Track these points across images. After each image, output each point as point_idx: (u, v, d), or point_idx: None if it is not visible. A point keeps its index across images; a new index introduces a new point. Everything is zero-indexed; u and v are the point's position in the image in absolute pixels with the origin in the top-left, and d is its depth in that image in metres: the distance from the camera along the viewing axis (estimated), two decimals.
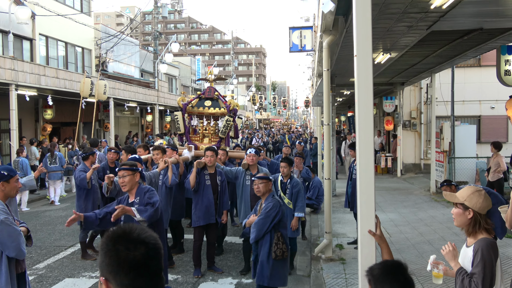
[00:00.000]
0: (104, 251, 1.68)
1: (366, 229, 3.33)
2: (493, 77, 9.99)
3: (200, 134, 9.26)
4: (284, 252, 5.46)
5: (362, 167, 3.36)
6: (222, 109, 9.11)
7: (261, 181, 5.65)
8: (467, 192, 3.23)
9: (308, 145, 22.18)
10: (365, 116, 3.35)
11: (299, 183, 7.49)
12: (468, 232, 3.23)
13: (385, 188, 15.85)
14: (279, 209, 5.50)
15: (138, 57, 31.77)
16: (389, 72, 14.84)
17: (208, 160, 7.31)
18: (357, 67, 3.39)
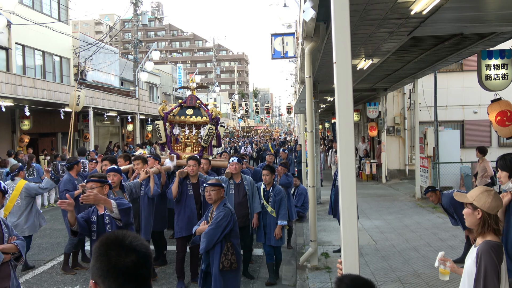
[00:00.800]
0: (96, 255, 1.73)
1: (349, 237, 3.35)
2: (476, 82, 10.16)
3: (182, 143, 9.25)
4: (232, 264, 5.48)
5: (343, 173, 3.39)
6: (204, 117, 9.11)
7: (213, 188, 5.69)
8: (477, 192, 3.24)
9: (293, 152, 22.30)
10: (345, 123, 3.39)
11: (282, 191, 7.52)
12: (477, 233, 3.20)
13: (370, 195, 15.96)
14: (230, 218, 5.53)
15: (118, 66, 31.61)
16: (372, 78, 15.01)
17: (191, 169, 7.30)
18: (337, 74, 3.43)
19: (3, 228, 4.64)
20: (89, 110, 20.52)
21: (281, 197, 7.39)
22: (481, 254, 3.03)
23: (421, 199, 14.50)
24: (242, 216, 7.37)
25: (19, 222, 7.98)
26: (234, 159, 7.48)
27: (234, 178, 7.51)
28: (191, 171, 7.31)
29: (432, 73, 15.02)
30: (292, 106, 23.88)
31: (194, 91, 9.65)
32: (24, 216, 8.06)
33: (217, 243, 5.48)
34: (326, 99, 22.22)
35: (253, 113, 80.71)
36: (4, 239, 4.57)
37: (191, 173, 7.33)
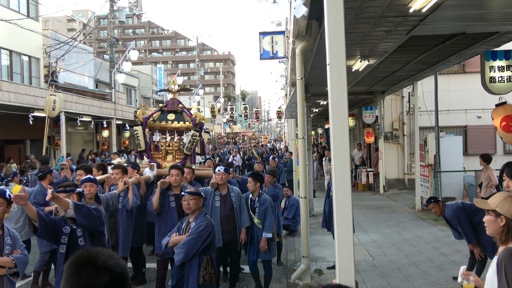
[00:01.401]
0: (66, 275, 1.67)
1: (344, 252, 3.37)
2: (479, 85, 10.27)
3: (163, 151, 9.24)
4: (212, 277, 5.53)
5: (338, 183, 3.41)
6: (187, 122, 9.11)
7: (192, 197, 5.76)
8: (499, 198, 3.24)
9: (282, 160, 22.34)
10: (340, 129, 3.42)
11: (267, 200, 7.49)
12: (500, 241, 3.18)
13: (366, 206, 16.03)
14: (211, 230, 5.61)
15: (93, 66, 31.51)
16: (368, 80, 15.13)
17: (173, 179, 7.30)
18: (331, 76, 3.46)
19: (5, 240, 4.59)
20: (61, 115, 20.40)
21: (266, 207, 7.37)
22: (502, 261, 3.01)
23: (422, 211, 14.60)
24: (229, 230, 7.36)
25: (17, 227, 8.19)
26: (221, 169, 7.48)
27: (220, 189, 7.51)
28: (174, 181, 7.30)
29: (432, 75, 15.18)
30: (282, 111, 23.91)
31: (176, 94, 9.65)
32: (22, 221, 8.32)
33: (195, 255, 5.51)
34: (319, 103, 22.34)
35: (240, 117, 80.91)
36: (4, 252, 4.51)
37: (174, 184, 7.32)
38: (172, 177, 7.32)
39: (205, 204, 7.54)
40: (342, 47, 3.46)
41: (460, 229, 7.13)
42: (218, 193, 7.49)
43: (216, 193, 7.49)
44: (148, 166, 8.71)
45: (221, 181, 7.47)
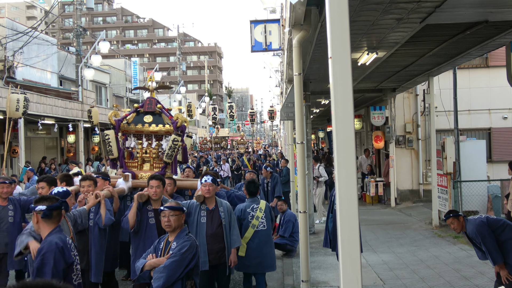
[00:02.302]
0: None
1: (350, 276, 3.37)
2: (505, 80, 10.27)
3: (139, 159, 9.22)
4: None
5: (342, 195, 3.42)
6: (167, 125, 9.10)
7: (173, 213, 5.77)
8: None
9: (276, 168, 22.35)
10: (344, 132, 3.43)
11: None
12: None
13: (376, 222, 16.07)
14: (196, 251, 5.64)
15: (56, 60, 31.43)
16: (376, 76, 15.21)
17: (153, 192, 7.28)
18: (333, 71, 3.48)
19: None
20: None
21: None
22: None
23: (440, 227, 14.66)
24: (217, 251, 7.37)
25: None
26: (208, 179, 7.48)
27: (207, 203, 7.51)
28: (154, 194, 7.29)
29: (451, 69, 15.28)
30: (275, 111, 23.65)
31: (153, 92, 9.64)
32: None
33: (177, 281, 5.51)
34: (320, 102, 22.43)
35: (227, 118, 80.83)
36: None
37: (154, 197, 7.30)
38: (151, 189, 7.30)
39: (189, 220, 7.55)
40: (347, 37, 3.48)
41: (484, 248, 7.13)
42: (204, 208, 7.49)
43: (202, 208, 7.49)
44: (122, 176, 8.69)
45: (208, 194, 7.47)
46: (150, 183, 7.37)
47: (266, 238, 8.52)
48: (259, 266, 8.43)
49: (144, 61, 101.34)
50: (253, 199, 8.69)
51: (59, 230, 5.12)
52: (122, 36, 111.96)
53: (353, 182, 3.42)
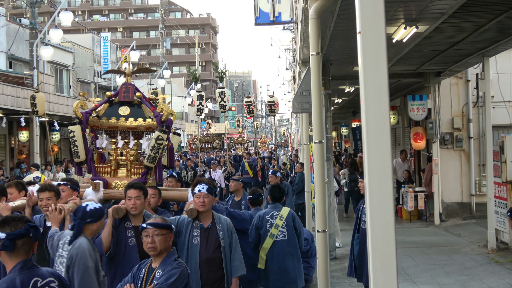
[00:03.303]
0: None
1: None
2: None
3: (113, 162, 9.23)
4: None
5: (374, 209, 3.45)
6: (149, 120, 9.11)
7: (158, 232, 5.77)
8: None
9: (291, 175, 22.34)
10: (377, 128, 3.46)
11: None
12: None
13: (415, 244, 16.06)
14: (187, 281, 5.68)
15: (4, 36, 31.46)
16: (416, 56, 15.21)
17: (132, 204, 7.27)
18: (363, 50, 3.50)
19: None
20: None
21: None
22: None
23: (498, 251, 14.60)
24: (213, 281, 7.37)
25: None
26: (202, 188, 7.46)
27: (201, 220, 7.51)
28: (133, 207, 7.28)
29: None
30: (277, 102, 23.21)
31: (129, 77, 9.67)
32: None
33: None
34: (343, 90, 22.41)
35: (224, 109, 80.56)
36: None
37: (133, 211, 7.30)
38: (130, 201, 7.29)
39: (179, 241, 7.55)
40: (380, 7, 3.51)
41: None
42: (197, 225, 7.50)
43: (194, 225, 7.49)
44: (91, 185, 8.71)
45: (203, 207, 7.45)
46: (128, 193, 7.35)
47: (288, 250, 8.83)
48: (278, 283, 8.70)
49: (117, 36, 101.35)
50: (275, 205, 9.23)
51: (27, 266, 4.67)
52: (89, 5, 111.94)
53: (389, 193, 3.44)
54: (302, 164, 19.40)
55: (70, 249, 5.91)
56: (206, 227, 7.47)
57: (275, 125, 36.01)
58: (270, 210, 9.13)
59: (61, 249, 6.21)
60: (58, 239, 6.38)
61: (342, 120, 40.19)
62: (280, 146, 77.43)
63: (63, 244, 6.20)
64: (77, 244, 5.89)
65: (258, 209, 9.49)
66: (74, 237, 5.96)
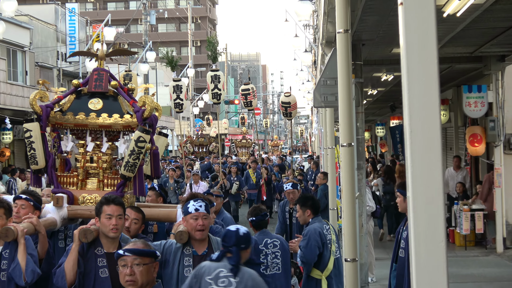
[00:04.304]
0: None
1: None
2: None
3: (80, 171, 9.25)
4: None
5: (418, 232, 3.44)
6: (127, 116, 9.13)
7: (139, 260, 5.78)
8: None
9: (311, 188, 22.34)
10: (423, 128, 3.45)
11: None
12: None
13: (472, 278, 16.04)
14: None
15: None
16: (473, 35, 15.19)
17: (113, 225, 7.19)
18: (405, 27, 3.50)
19: None
20: None
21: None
22: None
23: None
24: None
25: None
26: (200, 207, 7.45)
27: (193, 245, 7.53)
28: (114, 228, 7.24)
29: None
30: (294, 102, 22.37)
31: (103, 61, 9.70)
32: None
33: None
34: (378, 78, 22.40)
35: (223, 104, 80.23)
36: None
37: (113, 233, 7.29)
38: (109, 221, 7.24)
39: (165, 273, 7.57)
40: None
41: None
42: (189, 252, 7.50)
43: (186, 252, 7.50)
44: (52, 199, 8.72)
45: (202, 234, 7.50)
46: (107, 210, 7.31)
47: (342, 269, 9.26)
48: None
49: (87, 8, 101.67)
50: (319, 218, 9.86)
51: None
52: None
53: (439, 213, 3.44)
54: (325, 174, 19.35)
55: (238, 282, 6.33)
56: (201, 255, 7.47)
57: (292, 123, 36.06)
58: (321, 224, 9.63)
59: (217, 285, 6.44)
60: (203, 275, 6.65)
61: (377, 118, 40.20)
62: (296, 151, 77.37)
63: (217, 279, 6.45)
64: (246, 275, 6.41)
65: (264, 233, 9.50)
66: (236, 267, 6.39)
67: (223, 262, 6.44)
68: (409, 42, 3.48)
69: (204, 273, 6.50)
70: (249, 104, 22.34)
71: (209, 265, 6.56)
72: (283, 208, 15.14)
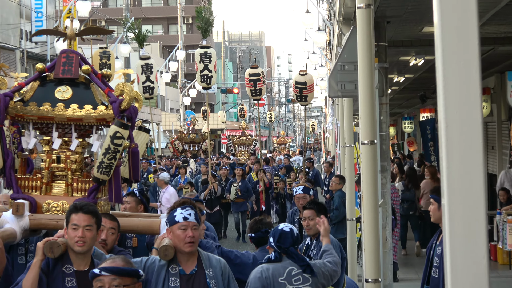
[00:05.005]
0: None
1: None
2: None
3: (45, 173, 9.24)
4: None
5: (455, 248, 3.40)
6: (101, 107, 9.12)
7: (119, 281, 5.85)
8: None
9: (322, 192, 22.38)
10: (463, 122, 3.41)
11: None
12: None
13: None
14: None
15: None
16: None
17: (79, 237, 7.22)
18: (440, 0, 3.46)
19: None
20: None
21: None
22: None
23: None
24: None
25: None
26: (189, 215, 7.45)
27: (180, 262, 7.55)
28: (81, 241, 7.23)
29: None
30: (311, 82, 22.13)
31: (73, 41, 9.68)
32: None
33: None
34: (406, 63, 22.40)
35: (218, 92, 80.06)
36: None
37: (79, 247, 7.27)
38: (75, 232, 7.24)
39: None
40: None
41: None
42: (176, 271, 7.50)
43: (171, 271, 7.50)
44: (10, 206, 8.71)
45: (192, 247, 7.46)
46: (74, 219, 7.29)
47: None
48: None
49: None
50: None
51: None
52: None
53: (481, 223, 3.40)
54: (341, 177, 19.32)
55: (313, 276, 7.66)
56: (189, 274, 7.47)
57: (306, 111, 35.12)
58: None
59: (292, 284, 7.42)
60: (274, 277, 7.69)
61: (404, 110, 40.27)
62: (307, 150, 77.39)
63: (291, 278, 7.69)
64: (316, 267, 7.84)
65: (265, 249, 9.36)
66: (307, 266, 7.66)
67: (286, 261, 7.44)
68: (444, 19, 3.43)
69: (274, 275, 7.35)
70: (257, 92, 21.87)
71: (273, 266, 7.63)
72: (293, 218, 15.10)
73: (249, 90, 22.88)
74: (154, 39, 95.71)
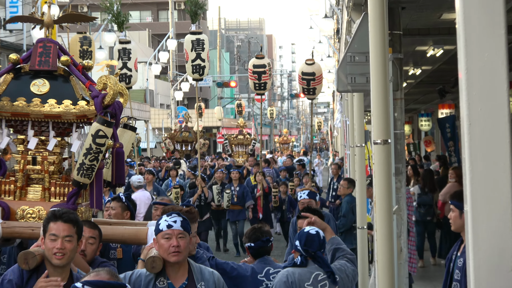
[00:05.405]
0: None
1: None
2: None
3: (19, 175, 9.23)
4: None
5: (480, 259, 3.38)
6: (82, 103, 9.11)
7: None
8: None
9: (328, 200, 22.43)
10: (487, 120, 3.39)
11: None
12: None
13: None
14: None
15: None
16: None
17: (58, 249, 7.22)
18: None
19: None
20: None
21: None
22: None
23: None
24: None
25: None
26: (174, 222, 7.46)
27: (169, 275, 7.57)
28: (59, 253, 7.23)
29: None
30: (320, 73, 21.99)
31: (52, 28, 9.67)
32: None
33: None
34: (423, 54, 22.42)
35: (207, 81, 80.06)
36: None
37: (58, 260, 7.26)
38: (53, 243, 7.24)
39: None
40: None
41: None
42: (164, 285, 7.53)
43: (159, 285, 7.53)
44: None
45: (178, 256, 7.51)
46: (52, 228, 7.28)
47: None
48: None
49: None
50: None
51: None
52: None
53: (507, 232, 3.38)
54: (350, 181, 19.29)
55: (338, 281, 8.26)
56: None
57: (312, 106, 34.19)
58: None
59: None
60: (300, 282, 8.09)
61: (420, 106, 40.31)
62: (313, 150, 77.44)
63: (317, 284, 8.17)
64: (341, 271, 8.44)
65: (265, 260, 9.49)
66: (330, 270, 8.19)
67: (312, 266, 7.95)
68: (467, 4, 3.41)
69: (300, 280, 7.75)
70: (262, 86, 21.34)
71: (300, 271, 8.05)
72: (296, 226, 15.03)
73: (252, 83, 22.07)
74: (142, 26, 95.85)
